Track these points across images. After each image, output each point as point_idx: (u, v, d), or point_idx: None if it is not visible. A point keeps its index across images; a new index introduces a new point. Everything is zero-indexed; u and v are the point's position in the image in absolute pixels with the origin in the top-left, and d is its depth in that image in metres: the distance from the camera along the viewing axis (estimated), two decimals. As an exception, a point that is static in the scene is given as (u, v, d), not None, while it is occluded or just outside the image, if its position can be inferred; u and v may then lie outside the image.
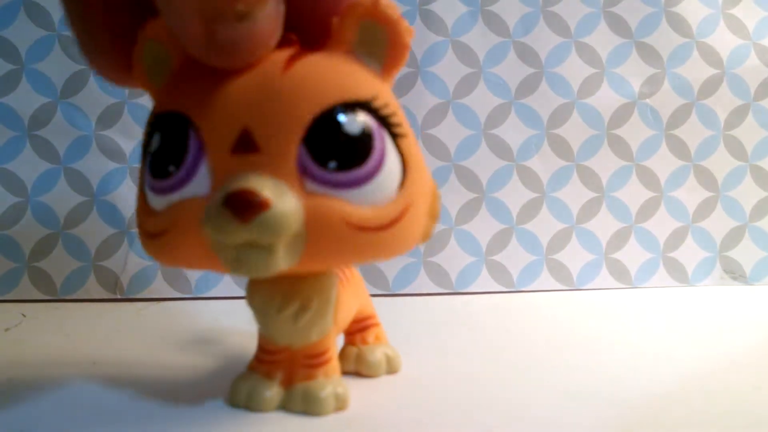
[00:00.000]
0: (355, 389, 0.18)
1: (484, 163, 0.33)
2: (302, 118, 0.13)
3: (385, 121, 0.14)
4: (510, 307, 0.30)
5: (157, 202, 0.14)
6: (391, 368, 0.20)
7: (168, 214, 0.14)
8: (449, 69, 0.33)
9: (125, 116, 0.32)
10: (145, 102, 0.32)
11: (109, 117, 0.32)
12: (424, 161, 0.15)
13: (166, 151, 0.14)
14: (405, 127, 0.15)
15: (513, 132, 0.33)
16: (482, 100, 0.33)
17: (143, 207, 0.15)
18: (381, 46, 0.14)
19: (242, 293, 0.33)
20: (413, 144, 0.15)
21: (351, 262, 0.17)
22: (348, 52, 0.14)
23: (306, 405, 0.17)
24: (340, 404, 0.17)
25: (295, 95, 0.14)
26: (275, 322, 0.16)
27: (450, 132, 0.33)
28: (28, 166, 0.32)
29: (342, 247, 0.14)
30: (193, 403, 0.18)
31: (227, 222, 0.13)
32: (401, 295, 0.33)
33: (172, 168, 0.14)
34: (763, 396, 0.18)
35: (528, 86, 0.33)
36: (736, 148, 0.34)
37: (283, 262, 0.14)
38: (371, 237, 0.14)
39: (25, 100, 0.32)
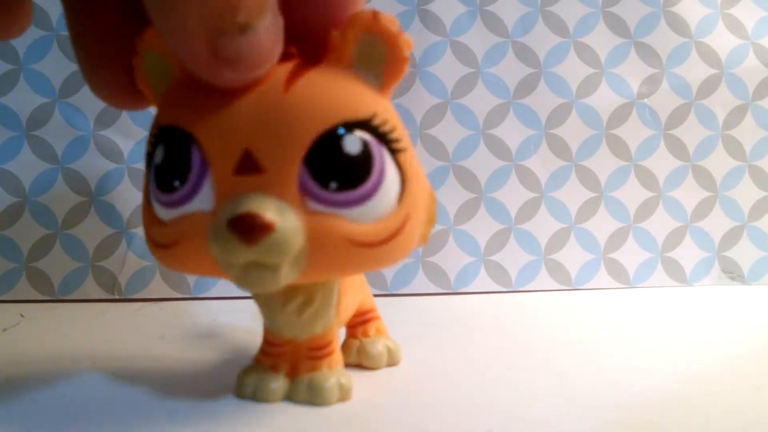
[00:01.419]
0: (357, 381, 0.18)
1: (482, 163, 0.33)
2: (304, 140, 0.14)
3: (384, 138, 0.14)
4: (508, 307, 0.30)
5: (164, 213, 0.15)
6: (392, 360, 0.21)
7: (175, 227, 0.15)
8: (448, 69, 0.33)
9: (123, 116, 0.32)
10: (144, 102, 0.32)
11: (108, 117, 0.32)
12: (422, 170, 0.16)
13: (170, 165, 0.14)
14: (404, 140, 0.15)
15: (511, 132, 0.33)
16: (481, 100, 0.33)
17: (150, 216, 0.15)
18: (380, 59, 0.14)
19: (240, 293, 0.33)
20: (412, 156, 0.15)
21: (352, 274, 0.17)
22: (348, 66, 0.14)
23: (311, 395, 0.17)
24: (344, 395, 0.18)
25: (297, 116, 0.14)
26: (280, 316, 0.17)
27: (448, 132, 0.33)
28: (26, 166, 0.32)
29: (343, 262, 0.14)
30: (193, 402, 0.18)
31: (233, 244, 0.13)
32: (400, 295, 0.33)
33: (176, 183, 0.14)
34: (763, 396, 0.18)
35: (527, 86, 0.33)
36: (734, 148, 0.34)
37: (286, 278, 0.14)
38: (372, 252, 0.14)
39: (24, 100, 0.32)
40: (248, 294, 0.20)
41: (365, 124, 0.14)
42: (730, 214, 0.34)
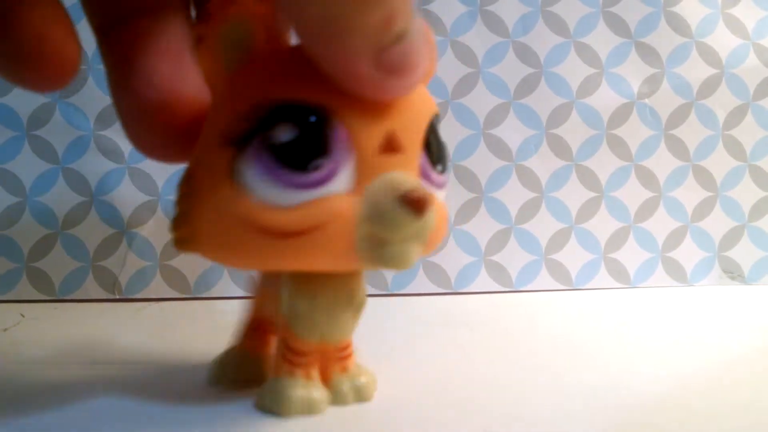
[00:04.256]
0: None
1: (483, 163, 0.33)
2: (423, 125, 0.15)
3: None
4: (509, 307, 0.30)
5: (290, 198, 0.14)
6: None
7: (313, 210, 0.14)
8: (448, 69, 0.33)
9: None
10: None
11: (108, 117, 0.32)
12: None
13: (311, 144, 0.14)
14: None
15: (512, 132, 0.33)
16: (481, 100, 0.33)
17: (254, 205, 0.14)
18: None
19: (240, 293, 0.33)
20: None
21: (431, 251, 0.17)
22: None
23: (358, 395, 0.18)
24: (376, 386, 0.18)
25: (419, 102, 0.15)
26: (340, 318, 0.17)
27: (449, 132, 0.33)
28: (26, 166, 0.32)
29: (439, 238, 0.16)
30: (193, 402, 0.18)
31: (405, 217, 0.14)
32: (400, 295, 0.33)
33: (318, 162, 0.14)
34: (763, 396, 0.18)
35: (527, 86, 0.33)
36: (735, 148, 0.34)
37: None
38: (446, 228, 0.17)
39: (24, 99, 0.32)
40: (251, 294, 0.20)
41: (439, 116, 0.16)
42: (730, 214, 0.34)
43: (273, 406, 0.17)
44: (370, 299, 0.21)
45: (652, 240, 0.34)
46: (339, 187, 0.14)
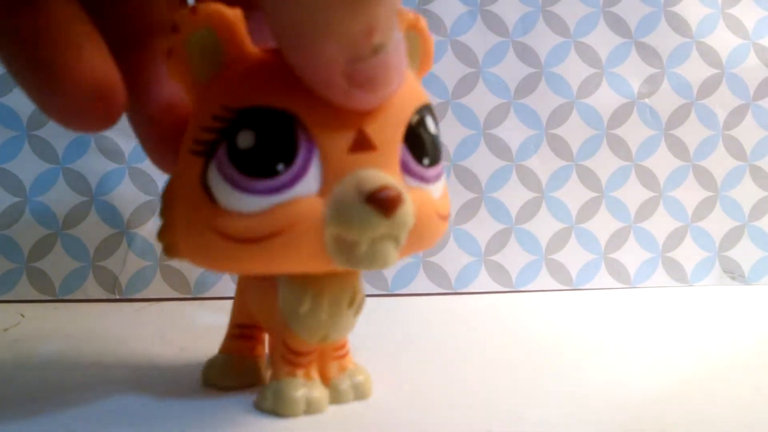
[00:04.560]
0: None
1: (483, 163, 0.33)
2: (402, 120, 0.15)
3: (436, 121, 0.16)
4: (509, 307, 0.30)
5: (254, 203, 0.14)
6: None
7: (277, 215, 0.14)
8: (448, 69, 0.33)
9: (124, 116, 0.32)
10: (144, 102, 0.32)
11: (108, 117, 0.32)
12: None
13: (271, 149, 0.14)
14: None
15: (512, 132, 0.33)
16: (481, 100, 0.33)
17: (220, 212, 0.14)
18: (416, 55, 0.16)
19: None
20: None
21: (429, 247, 0.17)
22: None
23: (357, 393, 0.18)
24: (372, 387, 0.18)
25: (399, 96, 0.15)
26: (342, 318, 0.17)
27: (449, 132, 0.33)
28: (26, 166, 0.32)
29: (431, 234, 0.16)
30: (193, 402, 0.18)
31: (371, 217, 0.13)
32: (400, 295, 0.33)
33: (281, 167, 0.14)
34: (763, 396, 0.18)
35: (527, 86, 0.33)
36: (735, 148, 0.34)
37: (398, 252, 0.15)
38: (444, 224, 0.16)
39: (24, 99, 0.31)
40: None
41: (430, 108, 0.16)
42: (730, 214, 0.34)
43: (276, 407, 0.17)
44: (370, 299, 0.21)
45: (652, 240, 0.34)
46: (306, 189, 0.14)
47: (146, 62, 0.15)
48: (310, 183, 0.14)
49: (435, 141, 0.16)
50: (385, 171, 0.14)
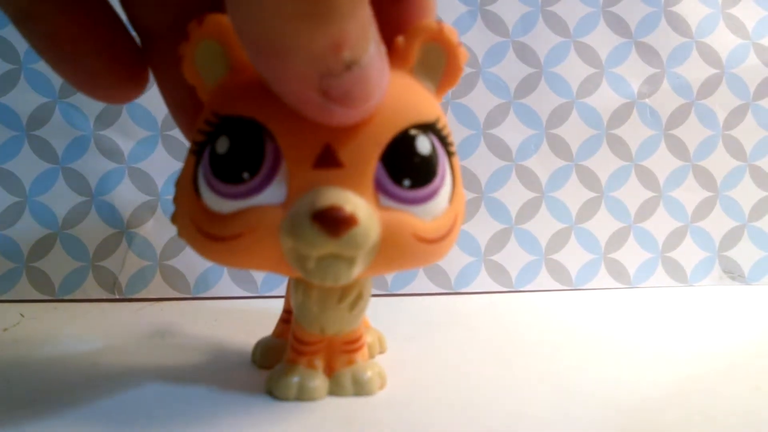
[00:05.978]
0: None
1: (483, 162, 0.33)
2: (382, 138, 0.14)
3: (444, 141, 0.16)
4: (509, 307, 0.30)
5: (224, 205, 0.15)
6: (382, 348, 0.22)
7: (240, 220, 0.14)
8: (448, 69, 0.33)
9: (124, 116, 0.32)
10: (145, 102, 0.32)
11: (108, 117, 0.32)
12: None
13: (239, 156, 0.14)
14: (454, 145, 0.16)
15: (512, 132, 0.33)
16: (481, 100, 0.33)
17: (201, 209, 0.15)
18: (439, 67, 0.16)
19: (240, 293, 0.33)
20: (457, 159, 0.16)
21: (411, 269, 0.18)
22: (409, 71, 0.15)
23: (357, 388, 0.18)
24: (383, 382, 0.19)
25: (376, 115, 0.14)
26: (334, 312, 0.17)
27: (449, 132, 0.33)
28: (26, 165, 0.32)
29: (408, 257, 0.15)
30: (193, 402, 0.18)
31: (316, 236, 0.14)
32: (400, 295, 0.33)
33: (246, 175, 0.14)
34: (763, 396, 0.18)
35: (527, 86, 0.33)
36: (735, 148, 0.34)
37: (357, 271, 0.15)
38: (430, 248, 0.15)
39: (24, 99, 0.32)
40: (251, 294, 0.20)
41: (432, 127, 0.15)
42: (730, 214, 0.34)
43: (272, 389, 0.18)
44: (370, 299, 0.21)
45: (652, 240, 0.34)
46: (270, 199, 0.14)
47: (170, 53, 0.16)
48: (275, 193, 0.14)
49: (425, 162, 0.15)
50: (352, 189, 0.14)
